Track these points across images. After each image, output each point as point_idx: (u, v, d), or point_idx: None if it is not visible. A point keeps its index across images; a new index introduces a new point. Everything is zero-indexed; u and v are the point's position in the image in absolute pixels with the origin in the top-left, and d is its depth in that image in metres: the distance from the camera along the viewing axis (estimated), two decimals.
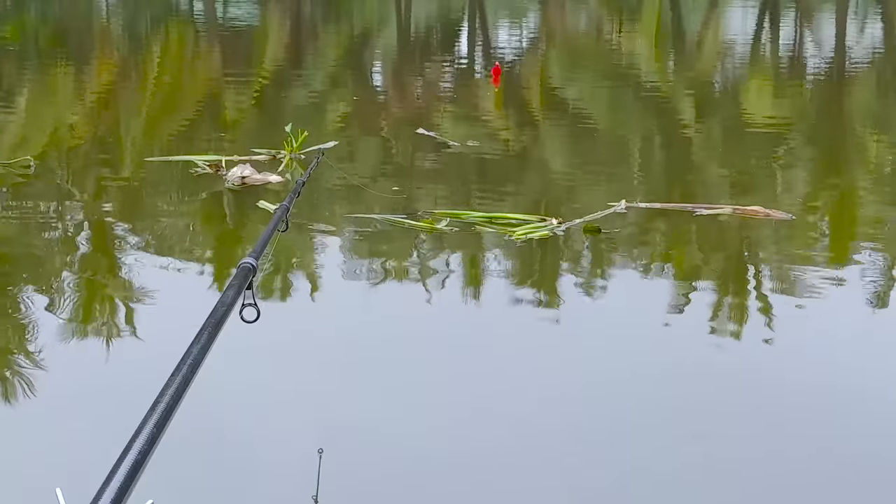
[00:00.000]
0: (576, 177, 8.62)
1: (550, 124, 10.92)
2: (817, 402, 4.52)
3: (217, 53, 17.35)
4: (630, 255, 6.38)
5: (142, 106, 11.82)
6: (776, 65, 16.18)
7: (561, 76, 14.69)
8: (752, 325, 5.36)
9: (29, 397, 4.48)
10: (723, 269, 6.25)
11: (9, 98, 11.99)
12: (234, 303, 1.87)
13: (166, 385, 1.47)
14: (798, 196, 7.98)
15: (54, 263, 6.38)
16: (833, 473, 3.99)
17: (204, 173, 8.03)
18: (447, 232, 6.59)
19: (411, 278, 6.05)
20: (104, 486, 1.21)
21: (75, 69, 14.60)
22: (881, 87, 13.82)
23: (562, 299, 5.72)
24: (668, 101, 12.36)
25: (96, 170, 8.56)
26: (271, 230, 2.55)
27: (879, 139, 10.23)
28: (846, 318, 5.51)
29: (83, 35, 19.43)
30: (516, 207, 7.14)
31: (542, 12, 24.43)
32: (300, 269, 6.18)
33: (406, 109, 11.80)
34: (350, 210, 7.18)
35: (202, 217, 7.41)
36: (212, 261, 6.41)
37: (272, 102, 12.00)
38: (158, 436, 1.33)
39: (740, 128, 10.60)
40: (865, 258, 6.37)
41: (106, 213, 7.29)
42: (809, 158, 9.45)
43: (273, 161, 8.38)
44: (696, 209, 7.09)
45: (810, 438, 4.20)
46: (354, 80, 14.17)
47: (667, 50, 18.73)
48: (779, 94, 13.22)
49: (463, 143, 9.22)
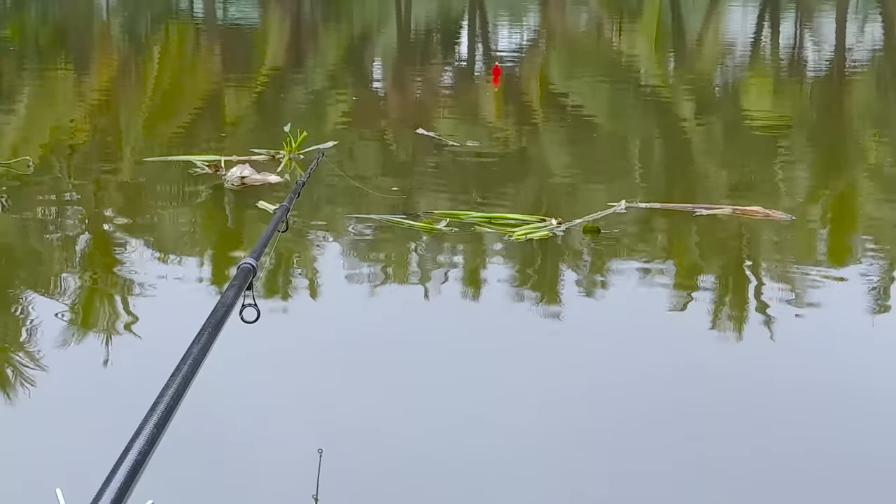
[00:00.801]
0: (575, 177, 8.62)
1: (550, 124, 10.92)
2: (819, 402, 4.52)
3: (217, 53, 17.35)
4: (630, 256, 6.38)
5: (141, 106, 11.82)
6: (776, 65, 16.19)
7: (561, 76, 14.69)
8: (752, 326, 5.36)
9: (29, 397, 4.48)
10: (723, 270, 6.25)
11: (8, 98, 11.98)
12: (235, 303, 1.87)
13: (166, 385, 1.47)
14: (798, 196, 7.98)
15: (53, 263, 6.38)
16: (835, 474, 3.99)
17: (203, 173, 8.03)
18: (446, 232, 6.59)
19: (410, 279, 6.05)
20: (104, 486, 1.21)
21: (75, 69, 14.60)
22: (881, 86, 13.82)
23: (561, 300, 5.72)
24: (667, 101, 12.36)
25: (95, 169, 8.55)
26: (271, 230, 2.55)
27: (879, 139, 10.23)
28: (846, 318, 5.51)
29: (83, 35, 19.43)
30: (516, 208, 7.14)
31: (542, 12, 24.43)
32: (300, 269, 6.19)
33: (406, 109, 11.80)
34: (349, 210, 7.18)
35: (201, 217, 7.41)
36: (211, 261, 6.41)
37: (271, 102, 12.00)
38: (158, 436, 1.33)
39: (740, 128, 10.60)
40: (865, 259, 6.37)
41: (104, 213, 7.29)
42: (809, 158, 9.45)
43: (272, 161, 8.38)
44: (695, 209, 7.09)
45: (813, 439, 4.20)
46: (354, 81, 14.17)
47: (667, 50, 18.73)
48: (779, 93, 13.22)
49: (462, 144, 9.22)
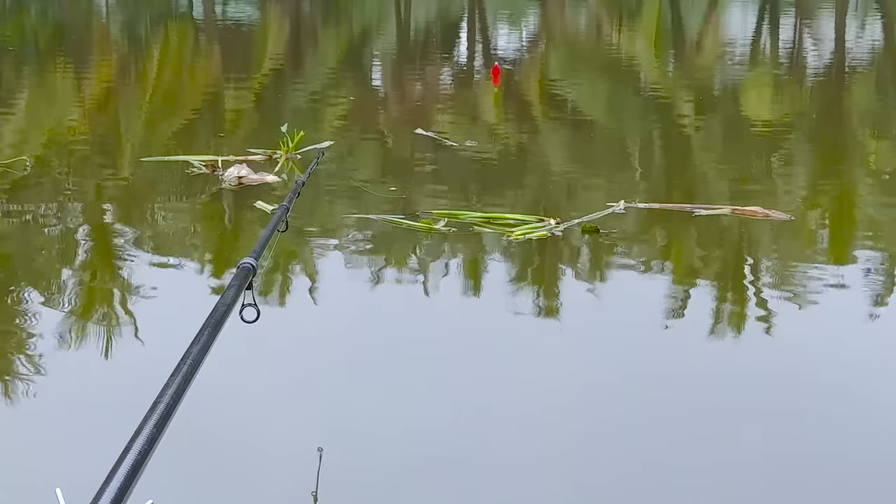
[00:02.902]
0: (574, 177, 8.62)
1: (549, 124, 10.92)
2: (819, 403, 4.52)
3: (216, 53, 17.35)
4: (628, 256, 6.38)
5: (139, 106, 11.82)
6: (776, 64, 16.19)
7: (560, 76, 14.70)
8: (752, 326, 5.36)
9: (29, 397, 4.48)
10: (722, 270, 6.25)
11: (7, 98, 11.98)
12: (234, 303, 1.88)
13: (166, 385, 1.47)
14: (797, 196, 7.99)
15: (50, 264, 6.37)
16: (835, 474, 3.99)
17: (200, 173, 8.03)
18: (445, 232, 6.59)
19: (409, 279, 6.05)
20: (104, 486, 1.22)
21: (74, 69, 14.60)
22: (881, 86, 13.82)
23: (559, 300, 5.72)
24: (667, 101, 12.36)
25: (92, 170, 8.55)
26: (271, 230, 2.56)
27: (879, 139, 10.23)
28: (846, 318, 5.51)
29: (82, 35, 19.42)
30: (515, 207, 7.14)
31: (542, 12, 24.43)
32: (299, 269, 6.19)
33: (405, 109, 11.80)
34: (348, 210, 7.18)
35: (199, 217, 7.40)
36: (210, 261, 6.41)
37: (270, 102, 11.99)
38: (158, 436, 1.34)
39: (740, 128, 10.61)
40: (865, 259, 6.37)
41: (101, 214, 7.28)
42: (809, 158, 9.45)
43: (269, 161, 8.38)
44: (694, 209, 7.10)
45: (813, 439, 4.20)
46: (353, 80, 14.17)
47: (666, 50, 18.73)
48: (778, 93, 13.23)
49: (461, 144, 9.22)
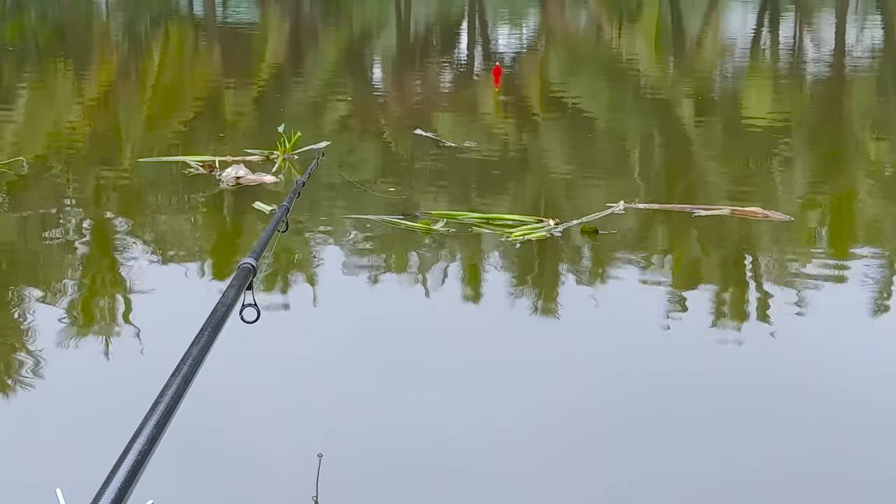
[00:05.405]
0: (574, 177, 8.62)
1: (550, 125, 10.92)
2: (820, 403, 4.52)
3: (216, 54, 17.35)
4: (627, 256, 6.38)
5: (139, 106, 11.82)
6: (776, 65, 16.19)
7: (561, 77, 14.69)
8: (751, 327, 5.36)
9: (29, 397, 4.48)
10: (722, 271, 6.25)
11: (7, 98, 11.98)
12: (235, 303, 1.88)
13: (166, 385, 1.47)
14: (797, 197, 7.99)
15: (49, 264, 6.37)
16: (835, 474, 3.99)
17: (198, 174, 8.03)
18: (444, 233, 6.59)
19: (408, 280, 6.05)
20: (104, 486, 1.22)
21: (74, 70, 14.60)
22: (881, 87, 13.82)
23: (559, 300, 5.72)
24: (666, 101, 12.36)
25: (90, 170, 8.55)
26: (271, 230, 2.56)
27: (879, 139, 10.23)
28: (846, 318, 5.51)
29: (83, 35, 19.42)
30: (514, 208, 7.14)
31: (542, 12, 24.43)
32: (299, 269, 6.19)
33: (404, 110, 11.80)
34: (346, 210, 7.18)
35: (197, 217, 7.40)
36: (209, 261, 6.41)
37: (269, 103, 11.99)
38: (158, 436, 1.34)
39: (739, 128, 10.61)
40: (865, 260, 6.37)
41: (99, 214, 7.28)
42: (809, 159, 9.45)
43: (266, 161, 8.39)
44: (694, 210, 7.10)
45: (812, 440, 4.20)
46: (353, 81, 14.17)
47: (666, 50, 18.73)
48: (778, 94, 13.23)
49: (460, 144, 9.23)
